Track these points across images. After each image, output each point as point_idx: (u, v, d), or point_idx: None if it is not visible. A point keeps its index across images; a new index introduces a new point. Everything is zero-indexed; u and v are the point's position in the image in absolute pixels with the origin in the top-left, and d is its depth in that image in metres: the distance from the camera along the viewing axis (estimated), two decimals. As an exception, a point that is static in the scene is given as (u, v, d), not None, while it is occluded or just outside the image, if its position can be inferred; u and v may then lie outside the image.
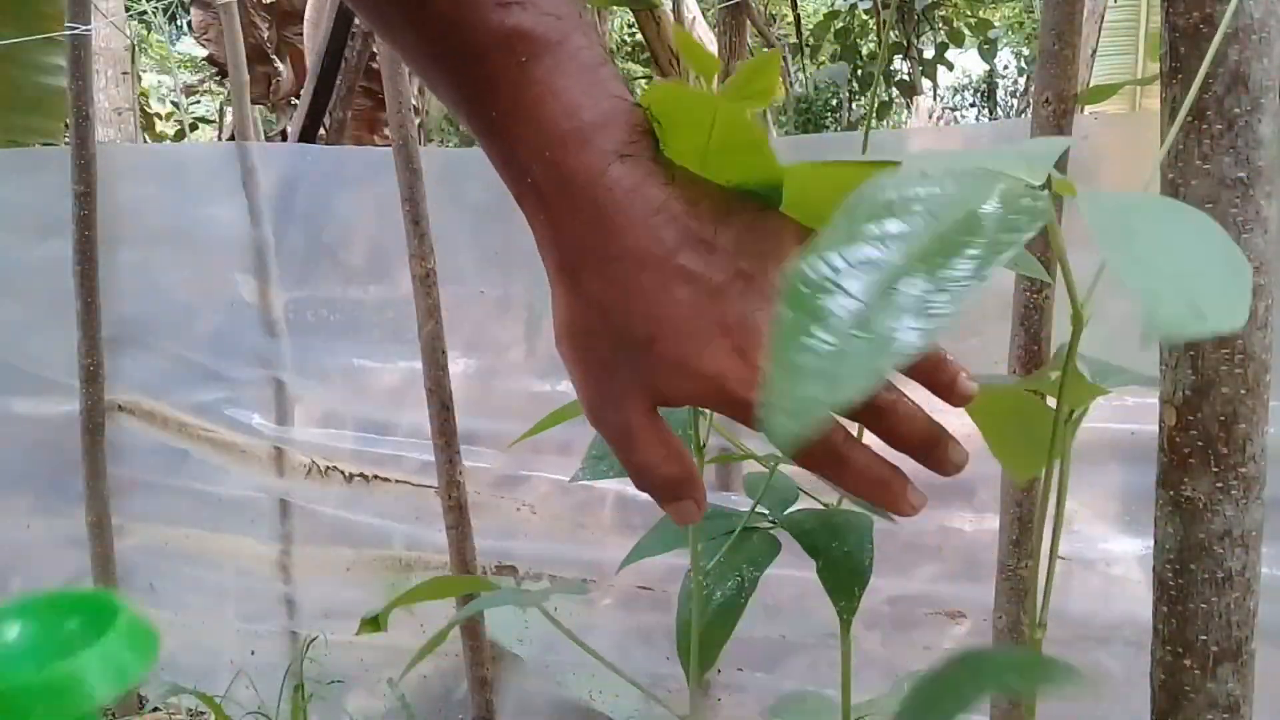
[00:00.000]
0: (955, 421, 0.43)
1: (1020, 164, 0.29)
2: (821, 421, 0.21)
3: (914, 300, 0.22)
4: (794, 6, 3.51)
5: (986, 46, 6.64)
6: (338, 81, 2.00)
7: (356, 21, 1.96)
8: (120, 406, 1.71)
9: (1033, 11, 8.85)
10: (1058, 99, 0.97)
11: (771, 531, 0.55)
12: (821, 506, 0.57)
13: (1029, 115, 1.00)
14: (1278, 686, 0.61)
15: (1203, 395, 0.49)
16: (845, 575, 0.51)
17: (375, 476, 1.61)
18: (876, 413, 0.39)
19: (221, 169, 1.65)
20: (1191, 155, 0.48)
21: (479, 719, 1.52)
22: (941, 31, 6.34)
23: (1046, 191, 0.28)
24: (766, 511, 0.58)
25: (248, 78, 1.91)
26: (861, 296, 0.22)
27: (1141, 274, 0.24)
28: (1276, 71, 0.48)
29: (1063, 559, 1.18)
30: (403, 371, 1.59)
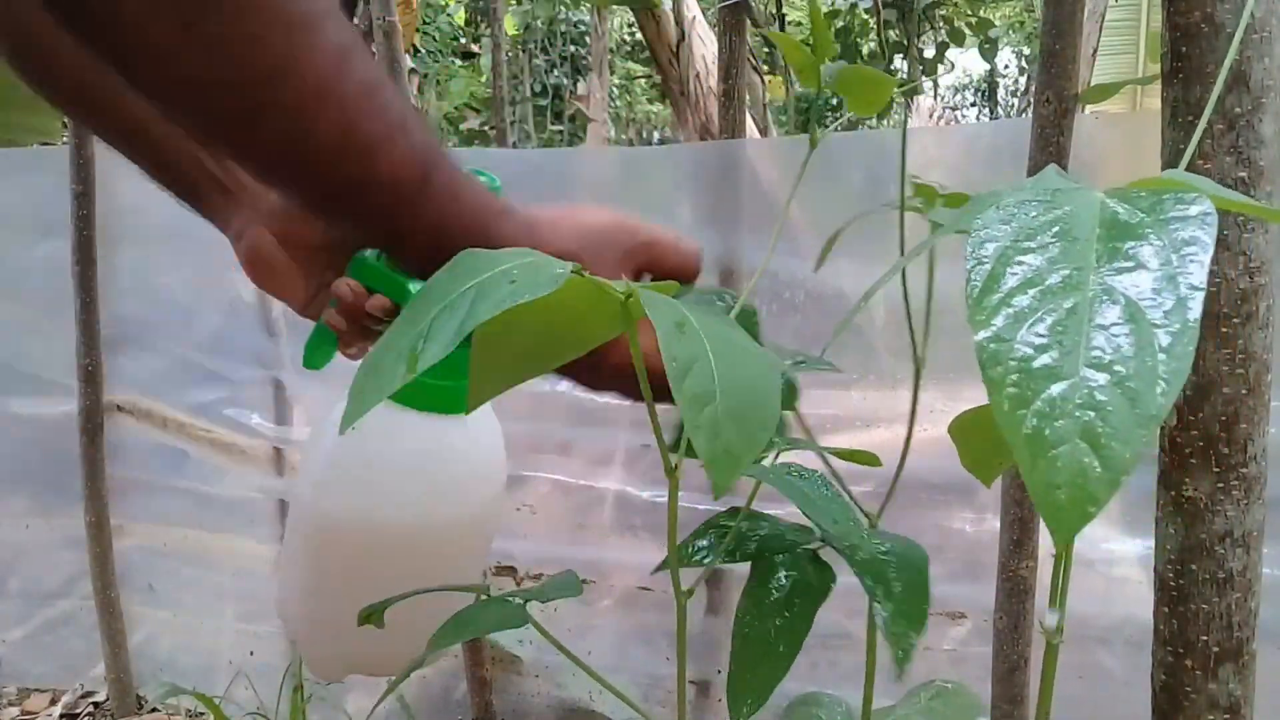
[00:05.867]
0: (936, 430, 0.43)
1: None
2: None
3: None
4: (779, 7, 3.51)
5: (987, 46, 6.64)
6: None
7: (355, 20, 1.95)
8: (119, 406, 1.71)
9: (1033, 11, 8.84)
10: (1058, 98, 0.96)
11: (819, 552, 0.48)
12: (864, 518, 0.52)
13: (1029, 114, 1.00)
14: (1278, 687, 0.61)
15: (1204, 395, 0.49)
16: (905, 615, 0.45)
17: (375, 476, 1.61)
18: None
19: (221, 169, 1.65)
20: (1193, 154, 0.48)
21: (479, 719, 1.52)
22: (942, 31, 6.34)
23: None
24: (815, 527, 0.51)
25: (247, 77, 1.91)
26: None
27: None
28: (1278, 71, 0.48)
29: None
30: (402, 371, 1.58)
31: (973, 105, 11.92)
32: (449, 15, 7.48)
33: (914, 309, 0.56)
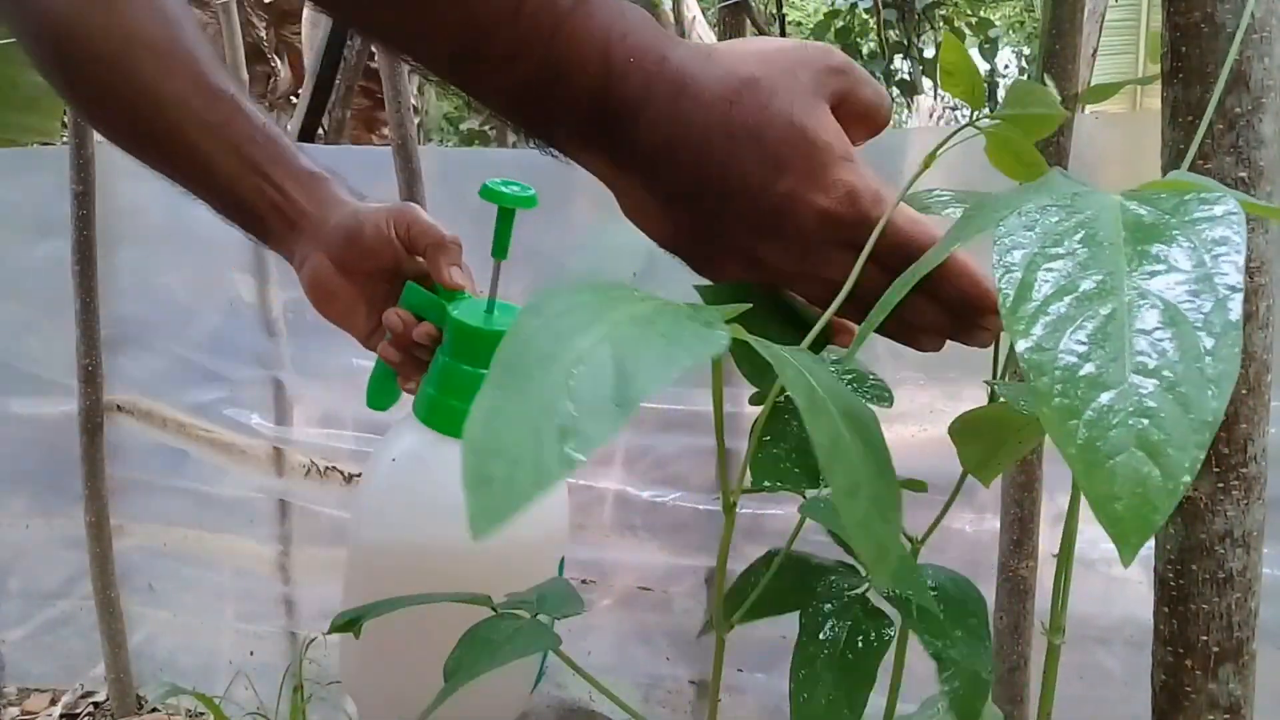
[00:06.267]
0: (936, 430, 0.43)
1: None
2: None
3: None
4: (779, 7, 3.50)
5: (987, 46, 6.64)
6: (337, 80, 2.00)
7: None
8: (119, 406, 1.71)
9: (1033, 11, 8.85)
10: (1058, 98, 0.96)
11: (871, 599, 0.44)
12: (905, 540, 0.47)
13: (1029, 115, 1.00)
14: (1278, 686, 0.61)
15: (1204, 395, 0.49)
16: (970, 677, 0.41)
17: (374, 476, 1.61)
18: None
19: (220, 169, 1.65)
20: (1193, 155, 0.48)
21: (478, 719, 1.52)
22: (942, 31, 6.34)
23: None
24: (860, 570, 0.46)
25: (246, 77, 1.91)
26: None
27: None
28: (1278, 71, 0.48)
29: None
30: (402, 371, 1.58)
31: (973, 105, 11.89)
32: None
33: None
